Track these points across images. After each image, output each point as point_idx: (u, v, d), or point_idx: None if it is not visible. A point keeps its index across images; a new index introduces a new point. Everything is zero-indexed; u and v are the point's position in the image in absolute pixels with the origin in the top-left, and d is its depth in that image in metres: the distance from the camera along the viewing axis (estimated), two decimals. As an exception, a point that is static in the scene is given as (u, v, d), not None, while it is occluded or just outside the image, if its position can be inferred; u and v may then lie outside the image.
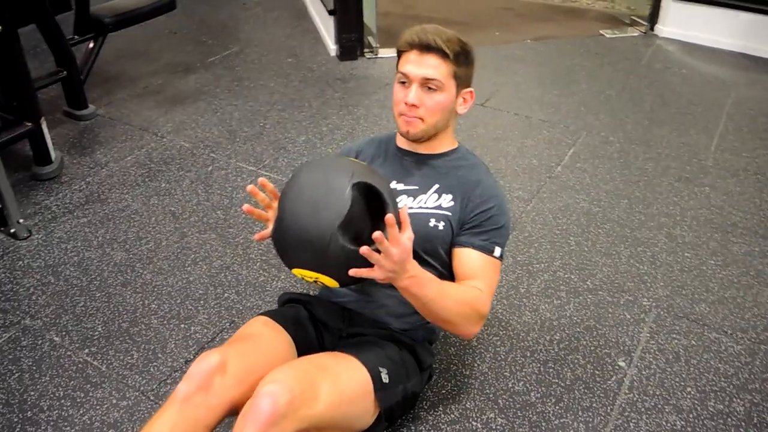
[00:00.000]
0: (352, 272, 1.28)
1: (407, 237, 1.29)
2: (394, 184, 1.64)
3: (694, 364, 1.90)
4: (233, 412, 1.35)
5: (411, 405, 1.66)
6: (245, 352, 1.44)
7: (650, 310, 2.09)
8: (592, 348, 1.95)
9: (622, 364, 1.90)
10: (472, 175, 1.63)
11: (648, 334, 2.00)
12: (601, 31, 4.26)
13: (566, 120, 3.21)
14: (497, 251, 1.57)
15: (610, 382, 1.84)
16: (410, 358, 1.60)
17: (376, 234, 1.21)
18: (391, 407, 1.50)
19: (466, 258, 1.58)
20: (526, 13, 4.64)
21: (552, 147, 2.98)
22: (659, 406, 1.77)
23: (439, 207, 1.59)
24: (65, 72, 3.03)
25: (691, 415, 1.75)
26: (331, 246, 1.25)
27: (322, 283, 1.36)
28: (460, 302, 1.47)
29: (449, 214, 1.59)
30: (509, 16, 4.57)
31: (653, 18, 4.19)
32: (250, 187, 1.43)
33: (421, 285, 1.38)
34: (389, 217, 1.22)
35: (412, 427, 1.70)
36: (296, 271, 1.35)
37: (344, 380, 1.39)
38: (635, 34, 4.24)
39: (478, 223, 1.58)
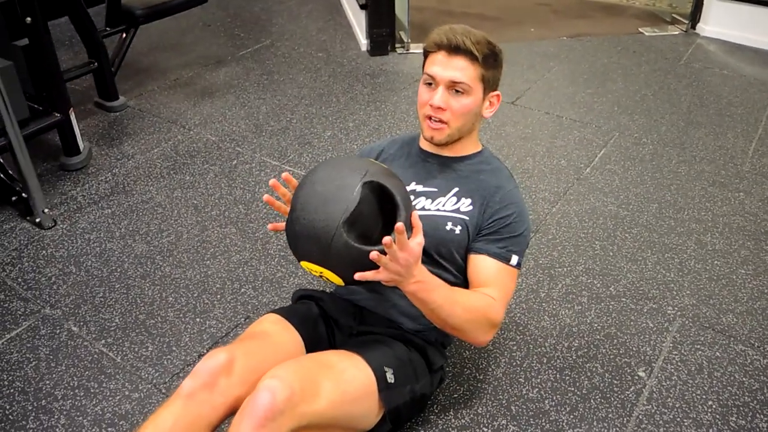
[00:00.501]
0: (358, 276, 1.29)
1: (417, 242, 1.28)
2: (413, 186, 1.61)
3: (717, 376, 1.83)
4: (237, 410, 1.35)
5: (420, 407, 1.63)
6: (252, 351, 1.43)
7: (675, 319, 2.02)
8: (611, 356, 1.89)
9: (642, 374, 1.84)
10: (493, 180, 1.60)
11: (671, 344, 1.93)
12: (640, 29, 4.14)
13: (598, 120, 3.13)
14: (514, 260, 1.54)
15: (628, 392, 1.78)
16: (420, 359, 1.57)
17: (386, 239, 1.22)
18: (398, 408, 1.48)
19: (481, 265, 1.54)
20: (563, 9, 4.54)
21: (582, 147, 2.90)
22: (678, 419, 1.71)
23: (457, 210, 1.56)
24: (96, 63, 3.07)
25: (711, 430, 1.68)
26: (335, 240, 1.27)
27: (327, 279, 1.37)
28: (469, 309, 1.45)
29: (467, 218, 1.56)
30: (545, 13, 4.48)
31: (695, 16, 4.06)
32: (272, 181, 1.43)
33: (429, 290, 1.37)
34: (399, 225, 1.22)
35: (421, 431, 1.67)
36: (303, 264, 1.37)
37: (347, 378, 1.37)
38: (676, 33, 4.11)
39: (496, 230, 1.55)
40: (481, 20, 4.34)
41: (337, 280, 1.36)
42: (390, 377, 1.44)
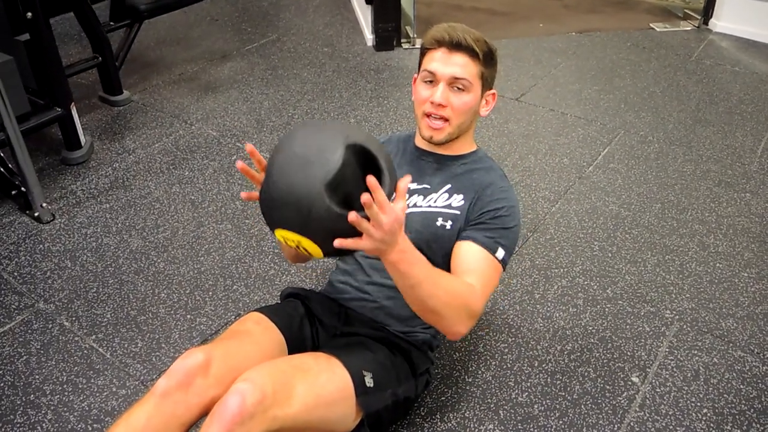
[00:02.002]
0: (338, 243, 1.17)
1: (400, 207, 1.18)
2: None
3: (713, 383, 1.79)
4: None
5: (403, 411, 1.61)
6: (231, 352, 1.41)
7: (672, 323, 1.98)
8: (604, 361, 1.85)
9: (635, 379, 1.80)
10: (486, 177, 1.58)
11: (667, 349, 1.89)
12: (651, 25, 4.07)
13: (604, 117, 3.07)
14: (500, 253, 1.49)
15: (620, 398, 1.75)
16: (403, 362, 1.55)
17: (364, 196, 1.10)
18: (378, 412, 1.46)
19: (465, 250, 1.50)
20: (574, 4, 4.47)
21: (586, 145, 2.86)
22: (671, 427, 1.67)
23: (449, 206, 1.54)
24: (100, 58, 3.07)
25: (704, 439, 1.65)
26: (316, 205, 1.18)
27: (305, 249, 1.26)
28: (451, 293, 1.36)
29: (458, 213, 1.54)
30: (555, 7, 4.42)
31: (707, 12, 3.97)
32: (249, 146, 1.30)
33: (411, 263, 1.26)
34: (370, 178, 1.11)
35: (407, 434, 1.66)
36: (279, 234, 1.27)
37: (322, 382, 1.35)
38: (688, 29, 4.03)
39: (485, 220, 1.52)
40: (490, 15, 4.30)
41: (316, 251, 1.25)
42: (369, 381, 1.42)
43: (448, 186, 1.58)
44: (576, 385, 1.79)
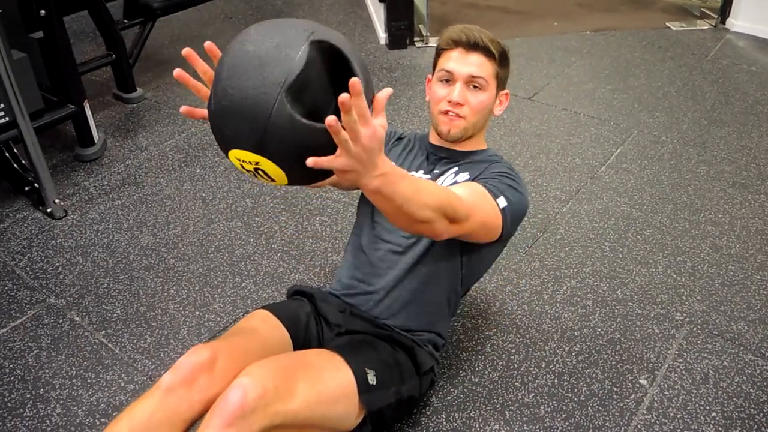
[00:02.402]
0: (311, 161, 0.99)
1: (380, 123, 1.03)
2: (419, 173, 1.63)
3: (723, 387, 1.77)
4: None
5: (407, 410, 1.61)
6: (236, 349, 1.42)
7: (682, 325, 1.96)
8: (613, 363, 1.84)
9: (643, 382, 1.79)
10: (493, 167, 1.58)
11: (676, 352, 1.87)
12: (667, 24, 4.03)
13: (617, 117, 3.05)
14: (502, 201, 1.45)
15: (627, 400, 1.73)
16: (407, 361, 1.55)
17: (343, 96, 0.92)
18: (381, 410, 1.46)
19: (465, 183, 1.49)
20: (589, 2, 4.44)
21: (598, 145, 2.84)
22: (679, 430, 1.66)
23: (455, 183, 1.55)
24: (114, 55, 3.10)
25: (712, 443, 1.63)
26: (275, 113, 0.98)
27: (264, 175, 1.07)
28: (437, 195, 1.25)
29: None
30: (570, 6, 4.39)
31: (725, 11, 3.93)
32: (186, 50, 1.13)
33: (394, 182, 1.12)
34: (354, 80, 0.92)
35: (412, 433, 1.65)
36: (234, 156, 1.06)
37: (324, 379, 1.35)
38: (704, 28, 3.99)
39: (489, 176, 1.52)
40: (504, 13, 4.28)
41: (279, 175, 1.06)
42: (372, 379, 1.42)
43: (456, 168, 1.60)
44: (583, 386, 1.77)
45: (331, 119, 0.93)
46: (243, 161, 1.05)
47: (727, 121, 3.01)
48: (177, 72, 1.15)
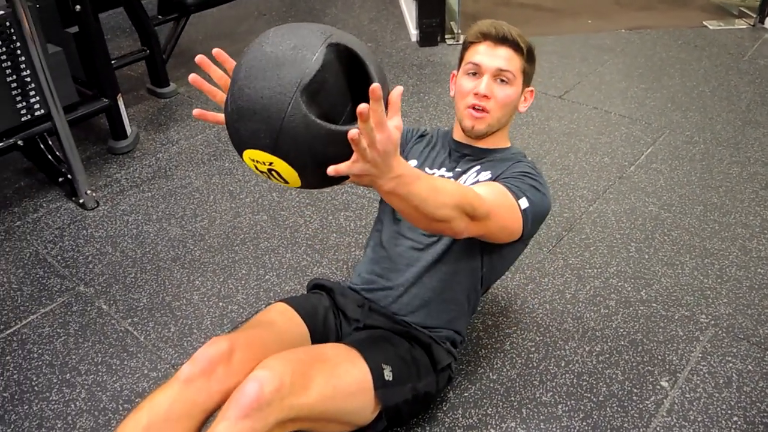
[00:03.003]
0: (332, 170, 1.01)
1: (394, 125, 1.03)
2: (441, 171, 1.64)
3: (746, 391, 1.74)
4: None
5: (424, 405, 1.62)
6: (254, 341, 1.44)
7: (707, 328, 1.92)
8: (634, 364, 1.82)
9: (664, 384, 1.76)
10: (515, 166, 1.58)
11: (700, 355, 1.84)
12: (704, 23, 3.95)
13: (649, 116, 3.00)
14: (524, 202, 1.45)
15: (648, 402, 1.71)
16: (424, 357, 1.55)
17: (361, 106, 0.93)
18: (397, 405, 1.47)
19: (486, 182, 1.49)
20: (626, 0, 4.37)
21: (628, 145, 2.80)
22: (699, 433, 1.63)
23: (477, 182, 1.55)
24: (148, 51, 3.16)
25: (733, 448, 1.60)
26: (290, 113, 0.99)
27: (278, 176, 1.08)
28: (455, 194, 1.25)
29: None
30: (605, 4, 4.33)
31: (763, 10, 3.83)
32: (199, 57, 1.17)
33: (410, 183, 1.12)
34: (375, 86, 0.93)
35: (427, 427, 1.65)
36: (248, 156, 1.08)
37: (340, 374, 1.36)
38: (742, 27, 3.90)
39: (511, 176, 1.51)
40: (537, 11, 4.24)
41: (292, 176, 1.06)
42: (388, 375, 1.43)
43: (478, 167, 1.60)
44: (603, 387, 1.76)
45: (353, 133, 0.95)
46: (257, 162, 1.06)
47: (763, 123, 2.94)
48: (192, 77, 1.18)
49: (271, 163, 1.04)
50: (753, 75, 3.35)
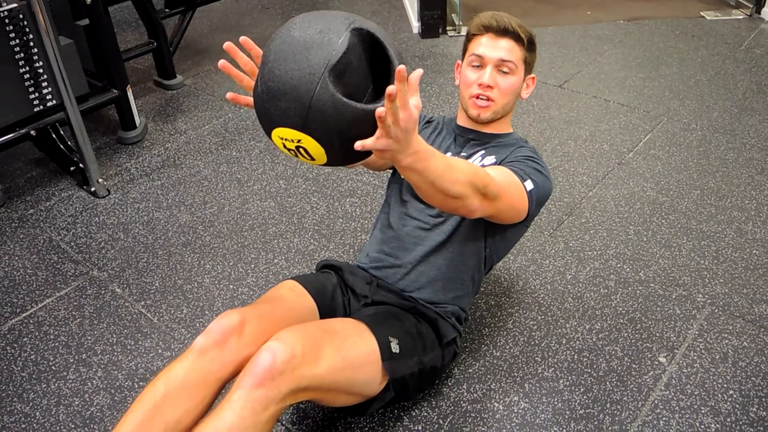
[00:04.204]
0: (357, 145, 1.08)
1: (414, 104, 1.09)
2: (447, 155, 1.67)
3: (741, 366, 1.80)
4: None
5: (430, 379, 1.67)
6: (265, 315, 1.50)
7: (704, 306, 1.98)
8: (632, 341, 1.88)
9: (662, 359, 1.82)
10: (518, 151, 1.64)
11: (697, 332, 1.90)
12: (701, 13, 4.00)
13: (647, 105, 3.06)
14: (529, 184, 1.52)
15: (646, 377, 1.77)
16: (430, 331, 1.61)
17: (390, 88, 0.99)
18: (404, 378, 1.52)
19: (493, 166, 1.55)
20: (624, -8, 4.43)
21: (627, 132, 2.85)
22: (695, 406, 1.69)
23: (483, 166, 1.61)
24: (155, 43, 3.21)
25: (729, 419, 1.66)
26: (318, 92, 1.05)
27: (306, 153, 1.14)
28: (468, 172, 1.32)
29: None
30: (605, -5, 4.38)
31: (760, 0, 3.88)
32: (227, 44, 1.23)
33: (426, 159, 1.19)
34: (402, 68, 1.00)
35: (433, 402, 1.72)
36: (277, 135, 1.13)
37: (349, 346, 1.42)
38: (739, 17, 3.95)
39: (515, 159, 1.59)
40: (537, 3, 4.29)
41: (318, 153, 1.13)
42: (395, 347, 1.48)
43: (483, 152, 1.66)
44: (602, 362, 1.82)
45: (380, 111, 1.02)
46: (286, 140, 1.12)
47: (759, 110, 2.99)
48: (222, 63, 1.23)
49: (299, 141, 1.10)
50: (749, 64, 3.41)
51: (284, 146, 1.14)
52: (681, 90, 3.18)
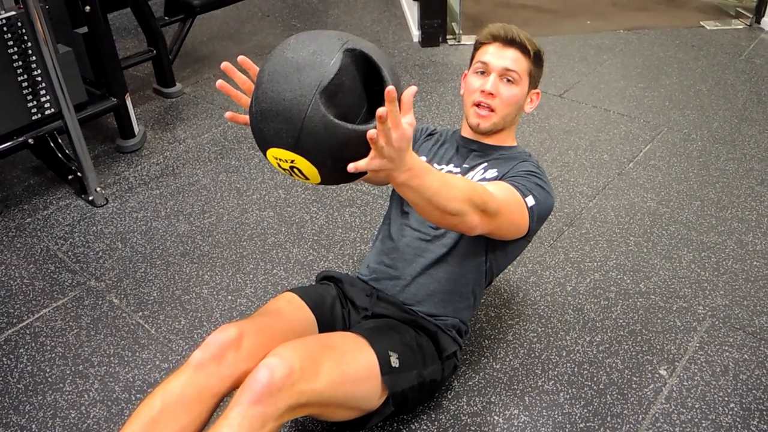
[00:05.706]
0: (351, 167, 1.08)
1: (407, 122, 1.09)
2: (450, 167, 1.69)
3: (742, 379, 1.79)
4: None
5: (429, 393, 1.66)
6: (263, 328, 1.49)
7: (704, 319, 1.97)
8: (633, 353, 1.87)
9: (663, 372, 1.81)
10: (521, 165, 1.63)
11: (697, 344, 1.89)
12: (701, 23, 4.00)
13: (647, 115, 3.06)
14: (530, 200, 1.52)
15: (646, 390, 1.76)
16: (430, 345, 1.60)
17: (381, 110, 1.00)
18: (404, 392, 1.51)
19: (494, 182, 1.54)
20: (623, 1, 4.42)
21: (627, 142, 2.85)
22: (696, 420, 1.68)
23: (483, 179, 1.61)
24: (155, 51, 3.21)
25: (730, 433, 1.65)
26: (310, 114, 1.06)
27: (299, 173, 1.14)
28: (465, 188, 1.32)
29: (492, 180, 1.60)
30: (604, 5, 4.38)
31: (760, 10, 3.88)
32: (224, 64, 1.24)
33: (421, 176, 1.19)
34: (390, 89, 1.00)
35: (433, 415, 1.70)
36: (271, 155, 1.15)
37: (348, 360, 1.41)
38: (739, 27, 3.95)
39: (517, 174, 1.58)
40: (537, 12, 4.29)
41: (312, 173, 1.13)
42: (394, 362, 1.47)
43: (485, 164, 1.66)
44: (603, 375, 1.81)
45: (372, 133, 1.03)
46: (280, 160, 1.13)
47: (759, 120, 2.99)
48: (219, 83, 1.24)
49: (293, 161, 1.11)
50: (749, 74, 3.41)
51: (279, 165, 1.16)
52: (681, 100, 3.17)
